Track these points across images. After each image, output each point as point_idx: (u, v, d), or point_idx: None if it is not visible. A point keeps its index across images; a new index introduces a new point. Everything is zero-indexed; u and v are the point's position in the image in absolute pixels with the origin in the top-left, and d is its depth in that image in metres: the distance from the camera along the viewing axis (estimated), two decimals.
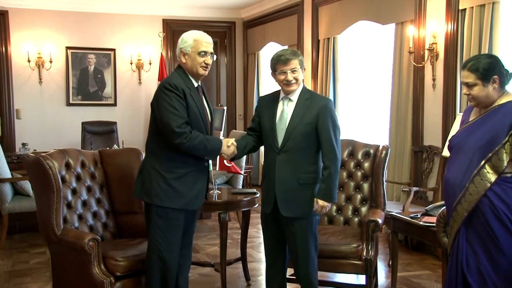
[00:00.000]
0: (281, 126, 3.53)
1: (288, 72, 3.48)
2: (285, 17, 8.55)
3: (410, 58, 5.81)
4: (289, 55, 3.49)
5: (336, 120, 3.53)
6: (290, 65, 3.48)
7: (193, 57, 3.44)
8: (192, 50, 3.44)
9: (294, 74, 3.49)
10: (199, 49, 3.44)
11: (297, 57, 3.52)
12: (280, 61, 3.50)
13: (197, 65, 3.44)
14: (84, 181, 4.12)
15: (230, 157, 3.60)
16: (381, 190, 4.29)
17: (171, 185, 3.42)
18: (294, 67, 3.49)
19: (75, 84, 9.11)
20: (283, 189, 3.50)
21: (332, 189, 3.46)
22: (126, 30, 9.36)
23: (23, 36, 8.79)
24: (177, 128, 3.31)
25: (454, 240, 3.08)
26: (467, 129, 3.13)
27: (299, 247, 3.54)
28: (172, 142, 3.33)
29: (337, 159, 3.47)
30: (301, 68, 3.53)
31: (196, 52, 3.44)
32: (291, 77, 3.48)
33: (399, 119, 6.08)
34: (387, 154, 4.32)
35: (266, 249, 3.76)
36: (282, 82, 3.52)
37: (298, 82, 3.53)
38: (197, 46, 3.44)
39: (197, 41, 3.45)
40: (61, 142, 8.49)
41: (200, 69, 3.46)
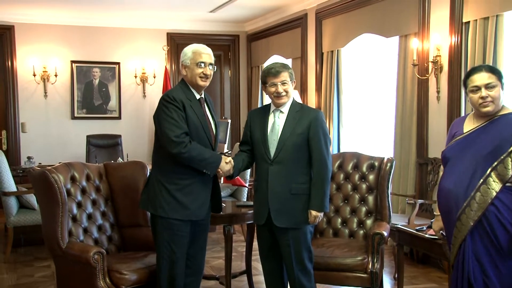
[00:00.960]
0: (273, 137, 3.58)
1: (279, 84, 3.55)
2: (289, 30, 8.59)
3: (414, 70, 5.82)
4: (279, 68, 3.56)
5: (327, 131, 3.61)
6: (280, 77, 3.55)
7: (192, 69, 3.50)
8: (191, 62, 3.51)
9: (284, 86, 3.55)
10: (197, 60, 3.50)
11: (287, 69, 3.58)
12: (270, 73, 3.56)
13: (196, 76, 3.50)
14: (89, 194, 4.13)
15: (226, 174, 3.62)
16: (386, 202, 4.28)
17: (174, 196, 3.44)
18: (284, 79, 3.55)
19: (80, 97, 9.15)
20: (276, 199, 3.53)
21: (324, 199, 3.52)
22: (130, 43, 9.41)
23: (28, 50, 8.86)
24: (175, 138, 3.34)
25: (459, 250, 3.06)
26: (464, 140, 3.11)
27: (293, 258, 3.55)
28: (171, 152, 3.36)
29: (328, 169, 3.54)
30: (291, 80, 3.59)
31: (194, 63, 3.50)
32: (281, 89, 3.55)
33: (404, 131, 6.08)
34: (392, 167, 4.32)
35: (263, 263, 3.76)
36: (272, 94, 3.58)
37: (288, 95, 3.59)
38: (195, 57, 3.50)
39: (195, 52, 3.52)
40: (66, 155, 8.52)
41: (199, 80, 3.50)
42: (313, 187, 3.53)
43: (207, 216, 3.66)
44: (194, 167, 3.44)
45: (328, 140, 3.57)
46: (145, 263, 3.77)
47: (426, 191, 5.71)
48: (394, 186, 6.10)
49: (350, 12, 7.04)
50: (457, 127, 3.24)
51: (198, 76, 3.50)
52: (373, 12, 6.61)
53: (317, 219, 3.55)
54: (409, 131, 6.00)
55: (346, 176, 4.50)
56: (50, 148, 8.92)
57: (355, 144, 7.25)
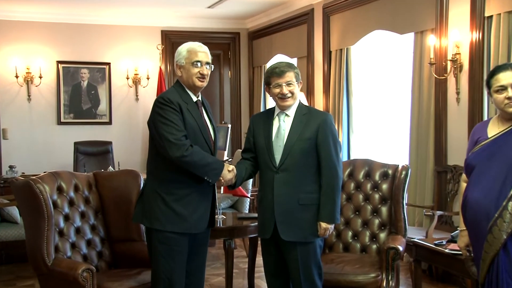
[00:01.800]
0: (278, 143, 3.58)
1: (283, 85, 3.55)
2: (293, 27, 8.61)
3: (431, 70, 5.83)
4: (284, 67, 3.57)
5: (337, 135, 3.62)
6: (285, 77, 3.55)
7: (187, 69, 3.51)
8: (186, 61, 3.52)
9: (289, 87, 3.56)
10: (193, 59, 3.51)
11: (293, 69, 3.59)
12: (274, 73, 3.58)
13: (192, 76, 3.51)
14: (77, 206, 4.13)
15: (227, 183, 3.62)
16: (402, 214, 4.27)
17: (172, 208, 3.43)
18: (289, 80, 3.56)
19: (67, 101, 9.16)
20: (282, 210, 3.53)
21: (335, 210, 3.53)
22: (122, 42, 9.43)
23: (10, 50, 8.87)
24: (176, 140, 3.34)
25: (491, 267, 3.01)
26: (491, 145, 3.11)
27: (302, 274, 3.54)
28: (172, 156, 3.35)
29: (339, 177, 3.55)
30: (297, 81, 3.60)
31: (190, 62, 3.51)
32: (286, 90, 3.55)
33: (420, 136, 6.07)
34: (407, 175, 4.32)
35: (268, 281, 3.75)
36: (277, 96, 3.59)
37: (294, 96, 3.59)
38: (191, 56, 3.51)
39: (190, 51, 3.53)
40: (51, 164, 8.50)
41: (196, 81, 3.51)
42: (322, 196, 3.53)
43: (207, 229, 3.65)
44: (194, 174, 3.43)
45: (338, 145, 3.58)
46: (139, 281, 3.77)
47: (445, 202, 5.70)
48: (410, 196, 6.09)
49: (361, 7, 7.05)
50: (480, 132, 3.23)
51: (195, 76, 3.51)
52: (385, 7, 6.62)
53: (327, 232, 3.54)
54: (426, 136, 6.00)
55: (357, 185, 4.50)
56: (35, 156, 8.92)
57: (367, 150, 7.24)
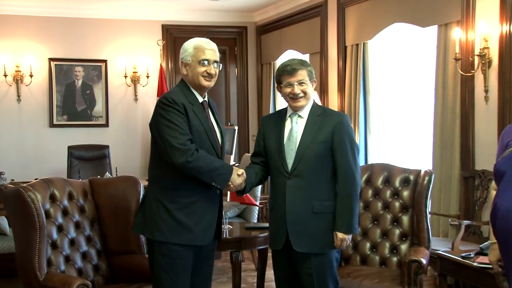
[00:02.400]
0: (290, 146, 3.59)
1: (295, 85, 3.57)
2: (305, 20, 8.61)
3: (456, 66, 5.81)
4: (296, 65, 3.59)
5: (354, 138, 3.62)
6: (297, 76, 3.57)
7: (193, 67, 3.54)
8: (192, 59, 3.54)
9: (301, 86, 3.57)
10: (199, 58, 3.53)
11: (306, 67, 3.60)
12: (285, 71, 3.59)
13: (198, 75, 3.53)
14: (71, 216, 4.14)
15: (236, 189, 3.63)
16: (425, 224, 4.26)
17: (175, 217, 3.44)
18: (302, 78, 3.57)
19: (60, 101, 9.20)
20: (295, 219, 3.54)
21: (352, 219, 3.53)
22: (119, 38, 9.46)
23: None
24: (180, 145, 3.35)
25: None
26: None
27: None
28: (176, 161, 3.36)
29: (356, 183, 3.56)
30: (310, 80, 3.61)
31: (196, 61, 3.53)
32: (298, 90, 3.57)
33: (445, 138, 6.05)
34: (430, 181, 4.31)
35: None
36: (288, 96, 3.61)
37: (307, 96, 3.60)
38: (198, 54, 3.53)
39: (198, 48, 3.55)
40: (43, 170, 8.54)
41: (202, 80, 3.53)
42: (339, 204, 3.53)
43: (213, 241, 3.65)
44: (200, 180, 3.44)
45: (356, 149, 3.59)
46: None
47: (473, 210, 5.68)
48: (434, 204, 6.07)
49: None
50: (510, 135, 3.22)
51: (201, 75, 3.52)
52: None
53: (344, 243, 3.54)
54: (451, 139, 5.98)
55: (375, 192, 4.49)
56: (25, 162, 8.96)
57: (386, 154, 7.23)
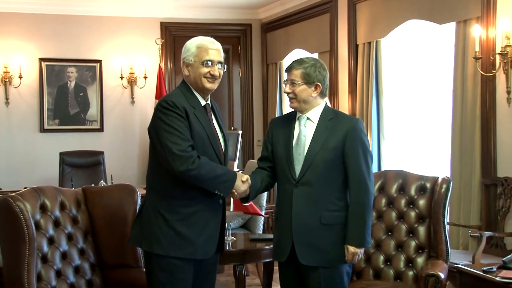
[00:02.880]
0: (298, 151, 3.59)
1: (287, 83, 3.63)
2: (314, 17, 8.62)
3: (476, 65, 5.80)
4: (293, 63, 3.65)
5: (368, 144, 3.62)
6: (290, 75, 3.62)
7: (196, 68, 3.54)
8: (195, 59, 3.54)
9: (292, 87, 3.60)
10: (203, 58, 3.53)
11: (301, 67, 3.60)
12: (286, 69, 3.67)
13: (200, 76, 3.53)
14: (63, 227, 4.13)
15: (241, 196, 3.64)
16: (443, 235, 4.25)
17: (175, 229, 3.44)
18: (293, 78, 3.60)
19: (51, 104, 9.22)
20: (302, 230, 3.53)
21: (365, 231, 3.52)
22: (115, 36, 9.48)
23: None
24: (181, 152, 3.35)
25: None
26: None
27: None
28: (176, 170, 3.36)
29: (370, 192, 3.56)
30: (306, 82, 3.59)
31: (199, 61, 3.53)
32: (288, 89, 3.61)
33: (464, 143, 6.04)
34: (448, 189, 4.30)
35: None
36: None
37: (297, 99, 3.61)
38: (201, 54, 3.54)
39: (201, 48, 3.55)
40: (33, 178, 8.55)
41: (205, 82, 3.54)
42: (350, 215, 3.53)
43: (216, 254, 3.65)
44: (202, 189, 3.44)
45: (369, 156, 3.58)
46: None
47: (495, 221, 5.67)
48: (453, 214, 6.06)
49: None
50: None
51: (204, 76, 3.53)
52: None
53: (356, 257, 3.53)
54: (471, 143, 5.97)
55: (389, 201, 4.48)
56: (14, 169, 8.97)
57: (400, 160, 7.23)
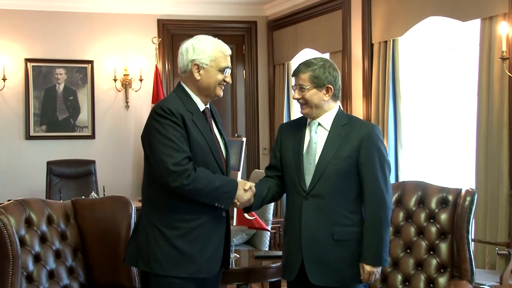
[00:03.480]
0: (309, 160, 3.60)
1: (295, 89, 3.64)
2: (325, 13, 8.63)
3: (503, 66, 5.80)
4: (300, 66, 3.65)
5: (385, 153, 3.62)
6: (298, 79, 3.64)
7: (212, 74, 3.56)
8: (212, 64, 3.56)
9: (301, 92, 3.61)
10: (221, 64, 3.56)
11: (309, 69, 3.60)
12: (293, 73, 3.68)
13: (215, 83, 3.57)
14: (51, 243, 4.13)
15: (244, 205, 3.64)
16: (467, 253, 4.22)
17: (176, 246, 3.44)
18: (301, 83, 3.61)
19: (38, 109, 9.23)
20: (312, 247, 3.54)
21: (382, 248, 3.53)
22: (107, 35, 9.50)
23: None
24: (174, 166, 3.35)
25: None
26: None
27: None
28: (169, 185, 3.38)
29: (387, 206, 3.56)
30: (316, 86, 3.60)
31: (217, 67, 3.56)
32: (297, 95, 3.62)
33: (490, 151, 6.03)
34: (473, 202, 4.27)
35: None
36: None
37: (309, 105, 3.61)
38: (219, 60, 3.57)
39: (219, 52, 3.58)
40: (18, 190, 8.57)
41: (218, 89, 3.60)
42: (366, 231, 3.53)
43: (219, 272, 3.65)
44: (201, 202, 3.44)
45: (386, 165, 3.58)
46: None
47: None
48: (478, 230, 6.04)
49: None
50: None
51: (219, 83, 3.58)
52: None
53: (372, 277, 3.54)
54: (498, 151, 5.95)
55: (407, 215, 4.46)
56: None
57: (420, 170, 7.22)
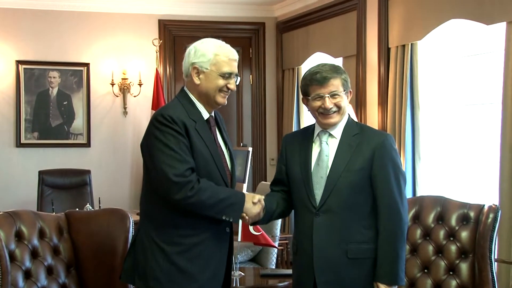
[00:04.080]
0: (319, 173, 3.60)
1: (326, 97, 3.57)
2: (338, 15, 8.62)
3: None
4: (327, 72, 3.57)
5: (400, 164, 3.61)
6: (329, 86, 3.57)
7: (212, 79, 3.54)
8: (212, 68, 3.54)
9: (334, 99, 3.58)
10: (222, 69, 3.54)
11: (339, 75, 3.60)
12: (314, 80, 3.58)
13: (216, 89, 3.55)
14: (43, 258, 4.14)
15: (253, 220, 3.63)
16: (489, 273, 4.22)
17: (175, 263, 3.45)
18: (335, 90, 3.57)
19: (30, 115, 9.24)
20: (325, 267, 3.54)
21: (398, 266, 3.52)
22: (105, 36, 9.52)
23: None
24: (176, 177, 3.35)
25: None
26: None
27: None
28: (171, 198, 3.38)
29: (403, 221, 3.56)
30: (345, 91, 3.61)
31: (218, 72, 3.54)
32: (331, 103, 3.57)
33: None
34: (496, 219, 4.27)
35: None
36: (317, 111, 3.61)
37: (341, 112, 3.61)
38: (220, 64, 3.54)
39: (221, 55, 3.56)
40: (8, 201, 8.55)
41: (218, 96, 3.57)
42: (380, 248, 3.53)
43: None
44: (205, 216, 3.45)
45: (401, 177, 3.59)
46: None
47: None
48: (502, 249, 6.02)
49: None
50: None
51: (220, 90, 3.55)
52: None
53: None
54: None
55: (425, 232, 4.46)
56: None
57: (439, 184, 7.20)
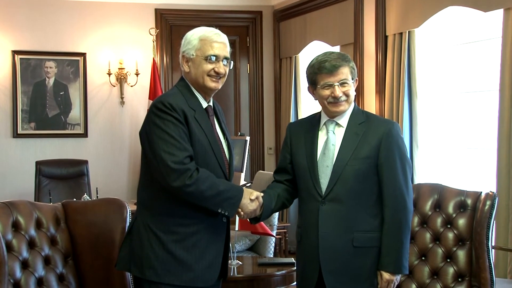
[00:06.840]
0: (325, 162, 3.59)
1: (336, 86, 3.56)
2: (336, 3, 8.62)
3: None
4: (336, 61, 3.57)
5: (406, 152, 3.62)
6: (339, 74, 3.56)
7: (198, 64, 3.55)
8: (197, 53, 3.55)
9: (344, 87, 3.57)
10: (206, 52, 3.53)
11: (348, 63, 3.60)
12: (323, 69, 3.57)
13: (203, 74, 3.54)
14: (40, 248, 4.13)
15: (249, 216, 3.64)
16: (486, 260, 4.21)
17: (171, 252, 3.45)
18: (344, 78, 3.57)
19: (26, 105, 9.23)
20: (331, 255, 3.54)
21: (402, 255, 3.53)
22: (102, 25, 9.49)
23: None
24: (175, 164, 3.35)
25: None
26: None
27: None
28: (169, 185, 3.37)
29: (408, 209, 3.57)
30: (353, 79, 3.61)
31: (202, 56, 3.54)
32: (340, 92, 3.56)
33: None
34: (493, 206, 4.26)
35: None
36: (326, 100, 3.59)
37: (349, 100, 3.61)
38: (204, 48, 3.54)
39: (204, 40, 3.55)
40: (5, 192, 8.58)
41: (208, 80, 3.55)
42: (385, 236, 3.54)
43: (217, 281, 3.66)
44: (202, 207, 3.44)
45: (407, 166, 3.59)
46: None
47: None
48: (499, 236, 6.03)
49: None
50: None
51: (207, 74, 3.54)
52: None
53: (391, 286, 3.55)
54: None
55: (422, 219, 4.45)
56: None
57: (436, 172, 7.22)
